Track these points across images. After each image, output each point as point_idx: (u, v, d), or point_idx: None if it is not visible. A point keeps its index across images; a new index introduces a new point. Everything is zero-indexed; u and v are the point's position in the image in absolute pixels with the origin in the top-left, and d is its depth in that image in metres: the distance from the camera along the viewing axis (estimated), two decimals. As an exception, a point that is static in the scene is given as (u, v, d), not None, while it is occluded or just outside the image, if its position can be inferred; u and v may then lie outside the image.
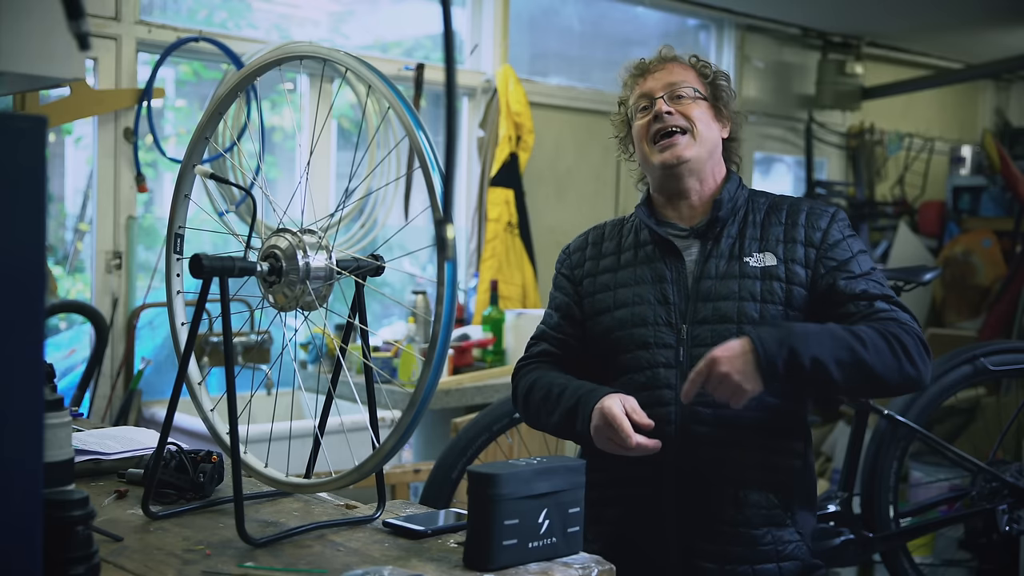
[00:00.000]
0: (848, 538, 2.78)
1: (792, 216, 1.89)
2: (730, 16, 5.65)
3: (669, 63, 1.96)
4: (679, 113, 1.89)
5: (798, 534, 1.87)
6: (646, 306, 1.88)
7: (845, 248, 1.86)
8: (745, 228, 1.90)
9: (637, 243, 1.96)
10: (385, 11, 4.57)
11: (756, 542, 1.82)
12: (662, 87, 1.91)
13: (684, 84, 1.91)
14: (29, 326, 0.94)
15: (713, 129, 1.92)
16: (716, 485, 1.83)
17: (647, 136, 1.91)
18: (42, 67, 1.46)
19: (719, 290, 1.85)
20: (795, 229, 1.87)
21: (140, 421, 3.41)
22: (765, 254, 1.86)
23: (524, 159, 4.51)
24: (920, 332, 1.78)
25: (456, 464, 2.71)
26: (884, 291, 1.83)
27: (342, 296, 1.58)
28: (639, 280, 1.91)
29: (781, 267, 1.84)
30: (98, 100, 3.42)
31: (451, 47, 1.07)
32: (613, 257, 1.98)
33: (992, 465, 2.87)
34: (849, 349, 1.69)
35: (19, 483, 0.95)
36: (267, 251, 1.46)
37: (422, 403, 1.30)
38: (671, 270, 1.89)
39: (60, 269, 3.75)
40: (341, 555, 1.36)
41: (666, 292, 1.88)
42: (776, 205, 1.93)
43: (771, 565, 1.83)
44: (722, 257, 1.87)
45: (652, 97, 1.92)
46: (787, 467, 1.87)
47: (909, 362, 1.72)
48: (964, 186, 6.38)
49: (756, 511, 1.83)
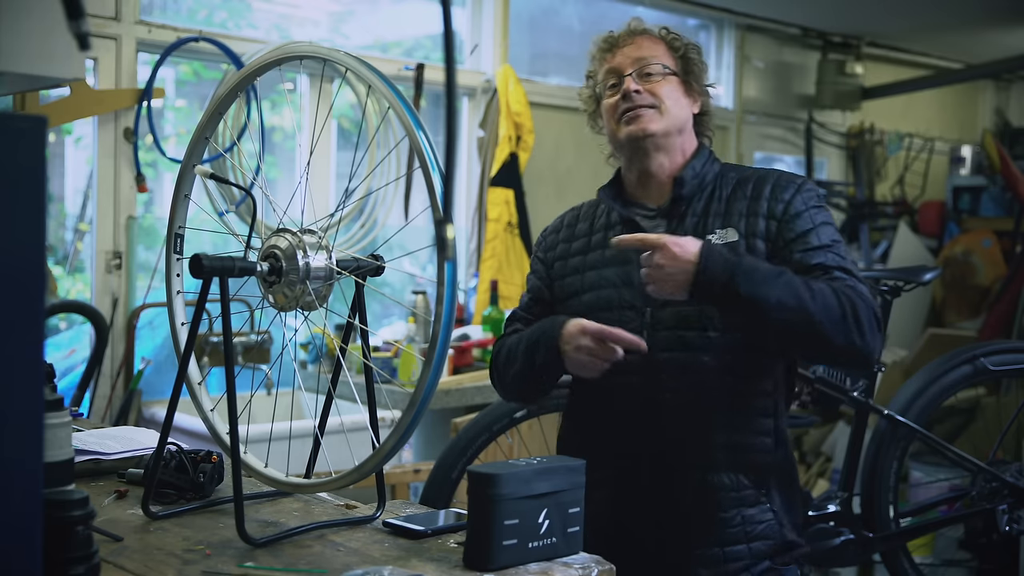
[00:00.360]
0: (848, 538, 2.78)
1: (757, 188, 1.85)
2: (730, 16, 5.65)
3: (638, 36, 1.92)
4: (647, 91, 1.86)
5: (772, 512, 1.84)
6: (611, 289, 1.87)
7: (806, 219, 1.81)
8: (710, 205, 1.86)
9: (607, 224, 1.94)
10: (385, 11, 4.57)
11: (725, 524, 1.80)
12: (631, 63, 1.88)
13: (653, 60, 1.88)
14: (29, 326, 0.94)
15: (683, 105, 1.89)
16: (683, 468, 1.82)
17: (615, 114, 1.89)
18: (42, 67, 1.47)
19: None
20: (758, 202, 1.84)
21: (140, 421, 3.41)
22: (728, 230, 1.83)
23: (524, 159, 4.51)
24: (875, 305, 1.73)
25: (456, 464, 2.71)
26: (842, 263, 1.77)
27: (342, 296, 1.58)
28: (606, 262, 1.89)
29: (742, 242, 1.81)
30: (98, 100, 3.42)
31: (451, 47, 1.07)
32: (584, 239, 1.96)
33: (992, 465, 2.87)
34: (796, 296, 1.65)
35: (19, 483, 0.95)
36: (267, 251, 1.46)
37: (422, 403, 1.30)
38: (636, 251, 1.85)
39: (60, 269, 3.75)
40: (341, 555, 1.36)
41: (631, 274, 1.85)
42: (745, 179, 1.89)
43: (740, 546, 1.81)
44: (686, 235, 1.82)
45: (621, 74, 1.88)
46: (756, 445, 1.83)
47: (857, 329, 1.68)
48: (964, 186, 6.37)
49: (725, 493, 1.81)
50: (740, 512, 1.81)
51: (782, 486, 1.87)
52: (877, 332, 1.72)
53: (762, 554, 1.83)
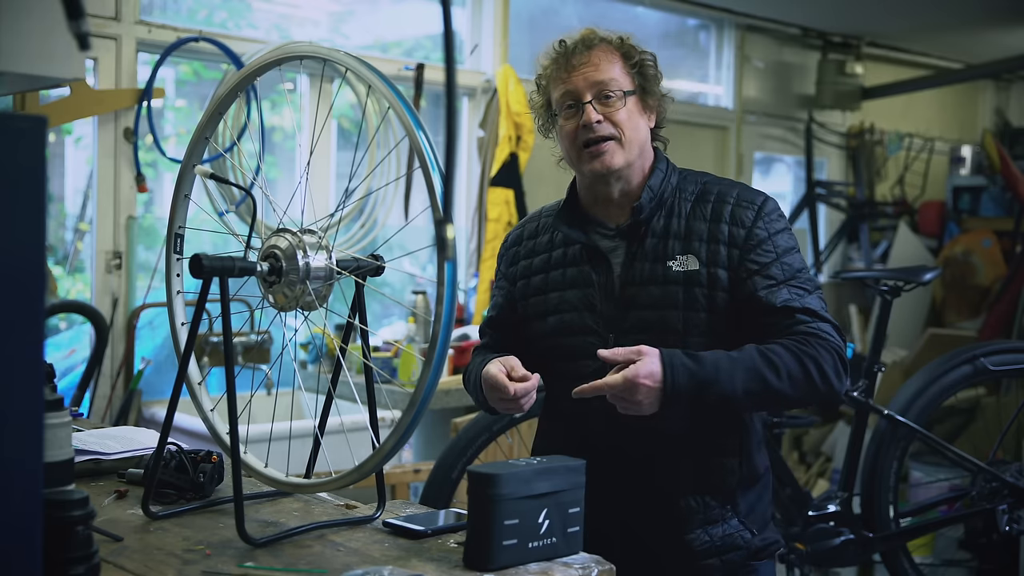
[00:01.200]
0: (848, 538, 2.78)
1: (717, 211, 1.80)
2: (730, 16, 5.65)
3: (595, 51, 1.84)
4: (607, 119, 1.81)
5: (740, 523, 1.83)
6: (574, 313, 1.83)
7: (769, 249, 1.77)
8: (670, 225, 1.82)
9: (566, 240, 1.89)
10: (385, 11, 4.57)
11: (692, 544, 1.80)
12: (589, 88, 1.81)
13: (612, 84, 1.81)
14: (29, 326, 0.94)
15: (641, 127, 1.84)
16: (649, 496, 1.81)
17: (575, 142, 1.84)
18: (42, 67, 1.46)
19: (642, 298, 1.79)
20: (719, 226, 1.79)
21: (140, 421, 3.41)
22: (688, 257, 1.79)
23: (524, 159, 4.51)
24: (840, 346, 1.73)
25: (456, 464, 2.71)
26: (805, 302, 1.74)
27: (342, 296, 1.58)
28: (568, 283, 1.86)
29: (703, 271, 1.77)
30: (98, 100, 3.42)
31: (451, 47, 1.07)
32: (544, 256, 1.92)
33: (992, 465, 2.87)
34: (761, 380, 1.67)
35: (19, 483, 0.95)
36: (267, 251, 1.46)
37: (422, 403, 1.30)
38: (597, 273, 1.83)
39: (60, 269, 3.76)
40: (341, 555, 1.36)
41: (592, 298, 1.82)
42: (703, 195, 1.84)
43: (713, 560, 1.81)
44: (646, 260, 1.81)
45: (579, 100, 1.81)
46: (720, 466, 1.82)
47: (824, 382, 1.70)
48: (964, 186, 6.37)
49: (693, 515, 1.80)
50: (705, 531, 1.80)
51: (747, 492, 1.85)
52: (843, 372, 1.73)
53: (735, 564, 1.82)
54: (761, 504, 1.88)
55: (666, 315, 1.77)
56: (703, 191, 1.84)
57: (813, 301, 1.76)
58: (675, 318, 1.76)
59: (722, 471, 1.81)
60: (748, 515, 1.85)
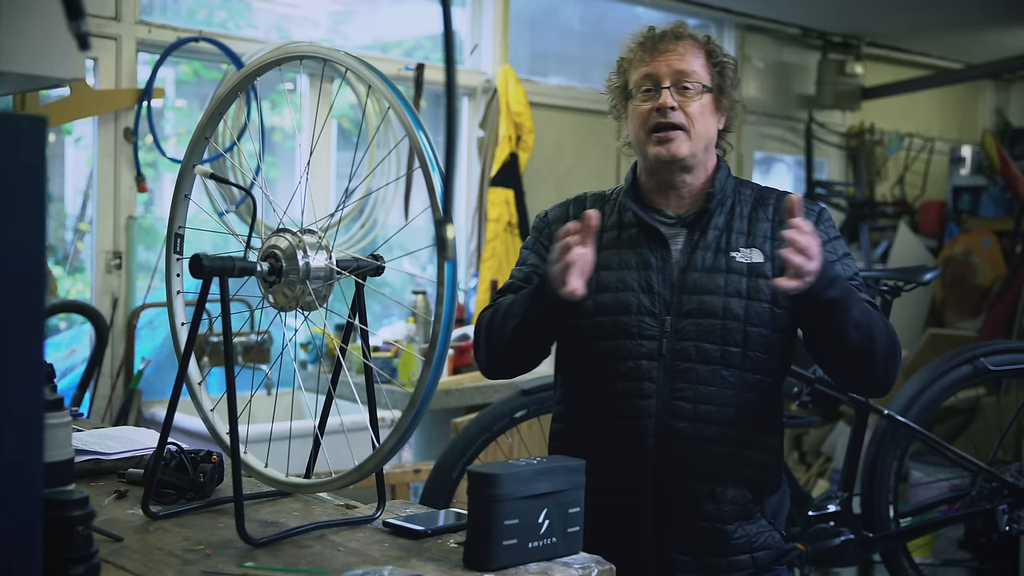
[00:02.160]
0: (848, 538, 2.78)
1: (780, 212, 1.88)
2: (730, 16, 5.64)
3: (682, 41, 1.90)
4: (681, 110, 1.86)
5: (769, 524, 1.88)
6: (630, 293, 1.85)
7: (830, 251, 1.86)
8: (732, 220, 1.89)
9: (620, 224, 1.93)
10: (385, 11, 4.57)
11: (729, 536, 1.83)
12: (670, 75, 1.87)
13: (693, 76, 1.87)
14: (29, 326, 0.94)
15: (711, 124, 1.90)
16: (693, 479, 1.83)
17: (645, 124, 1.88)
18: (42, 67, 1.47)
19: (705, 284, 1.84)
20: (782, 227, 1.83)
21: (140, 421, 3.41)
22: (752, 250, 1.86)
23: (524, 159, 4.51)
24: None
25: (456, 464, 2.71)
26: (869, 299, 1.85)
27: (342, 296, 1.58)
28: (623, 264, 1.88)
29: (768, 265, 1.84)
30: (98, 100, 3.42)
31: (451, 47, 1.07)
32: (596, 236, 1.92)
33: (992, 465, 2.87)
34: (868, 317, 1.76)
35: (19, 483, 0.95)
36: (267, 251, 1.46)
37: (422, 403, 1.30)
38: (656, 257, 1.87)
39: (60, 269, 3.75)
40: (341, 555, 1.36)
41: (651, 280, 1.86)
42: (762, 198, 1.92)
43: (745, 556, 1.85)
44: (708, 249, 1.86)
45: (658, 84, 1.87)
46: (760, 462, 1.87)
47: (895, 363, 1.82)
48: (964, 186, 6.37)
49: (731, 506, 1.83)
50: (741, 526, 1.85)
51: (771, 496, 1.91)
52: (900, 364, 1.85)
53: (764, 564, 1.86)
54: (782, 511, 1.94)
55: (729, 302, 1.82)
56: (761, 194, 1.93)
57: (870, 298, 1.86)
58: (738, 306, 1.82)
59: (762, 467, 1.87)
60: (773, 518, 1.90)
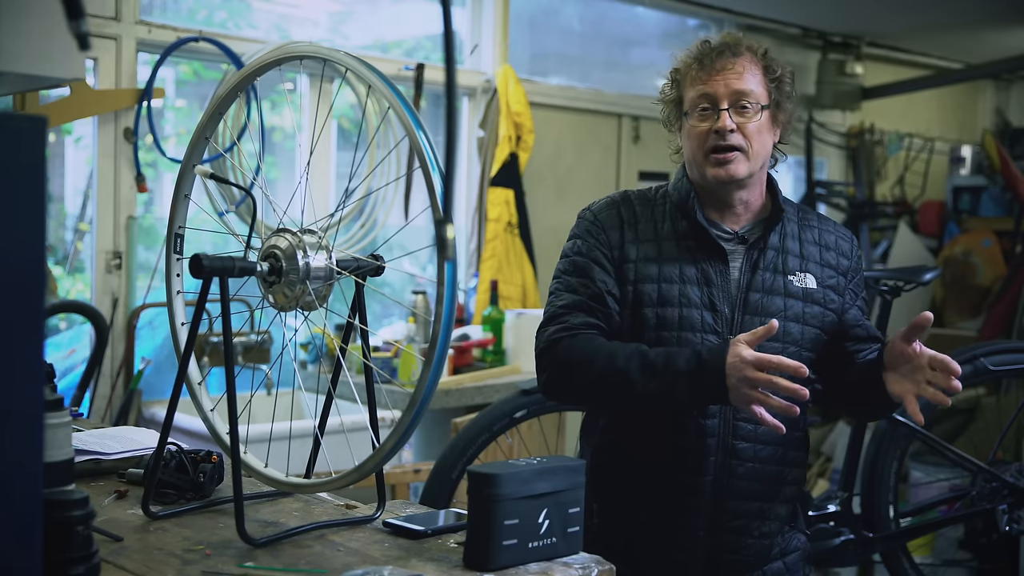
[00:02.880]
0: (848, 538, 2.78)
1: (824, 238, 1.92)
2: (730, 16, 5.64)
3: (740, 58, 1.83)
4: (739, 129, 1.81)
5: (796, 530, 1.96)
6: (694, 309, 1.81)
7: (861, 281, 1.95)
8: (785, 242, 1.88)
9: (676, 233, 1.86)
10: (385, 11, 4.57)
11: (770, 549, 1.89)
12: (728, 95, 1.81)
13: (751, 95, 1.81)
14: (29, 326, 0.94)
15: (768, 142, 1.86)
16: (748, 498, 1.85)
17: (703, 145, 1.83)
18: (42, 67, 1.46)
19: (767, 306, 1.82)
20: (828, 253, 1.91)
21: (140, 421, 3.41)
22: (806, 275, 1.87)
23: (524, 159, 4.51)
24: None
25: (456, 464, 2.71)
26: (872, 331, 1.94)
27: (342, 296, 1.58)
28: (685, 278, 1.82)
29: (820, 292, 1.87)
30: (98, 100, 3.42)
31: (451, 47, 1.07)
32: (651, 244, 1.86)
33: (992, 465, 2.87)
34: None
35: (19, 483, 0.95)
36: (267, 251, 1.46)
37: (422, 403, 1.30)
38: (717, 274, 1.83)
39: (60, 269, 3.75)
40: (341, 555, 1.36)
41: (714, 298, 1.82)
42: (805, 221, 1.93)
43: (777, 563, 1.91)
44: (768, 270, 1.84)
45: (716, 105, 1.81)
46: (797, 478, 1.93)
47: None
48: (964, 186, 6.37)
49: (777, 523, 1.88)
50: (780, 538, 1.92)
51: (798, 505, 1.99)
52: None
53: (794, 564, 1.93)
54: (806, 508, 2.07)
55: (789, 326, 1.83)
56: (803, 216, 1.95)
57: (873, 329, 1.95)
58: (796, 330, 1.84)
59: (798, 482, 1.93)
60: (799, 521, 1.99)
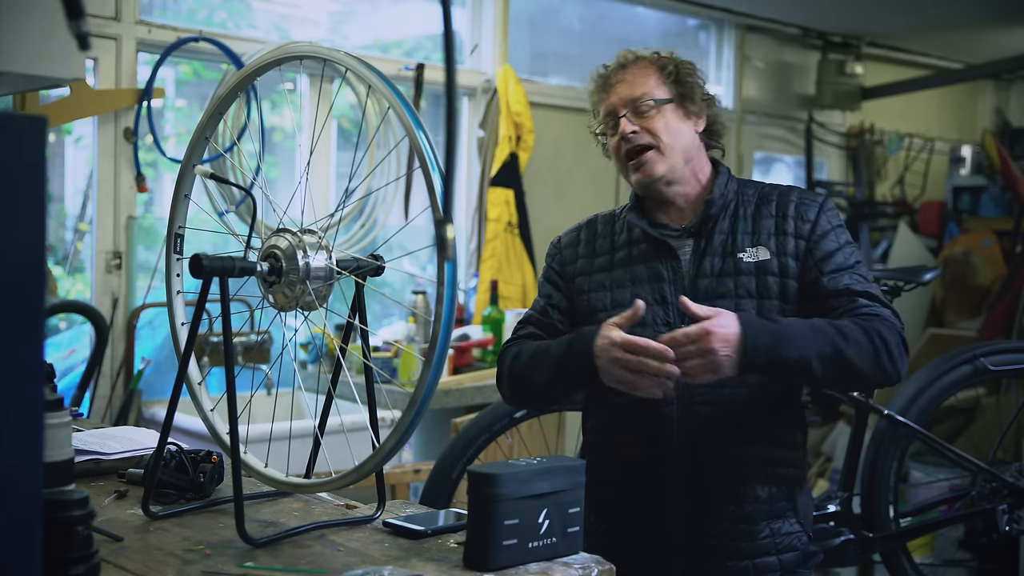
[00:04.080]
0: (848, 538, 2.78)
1: (782, 207, 1.89)
2: (730, 16, 5.64)
3: (629, 68, 1.92)
4: (644, 130, 1.87)
5: (799, 524, 1.89)
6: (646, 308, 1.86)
7: (832, 240, 1.86)
8: (736, 223, 1.90)
9: (630, 241, 1.96)
10: (385, 11, 4.57)
11: (755, 536, 1.84)
12: (623, 103, 1.89)
13: (645, 97, 1.88)
14: (29, 326, 0.94)
15: (682, 132, 1.90)
16: (718, 482, 1.84)
17: (620, 155, 1.92)
18: (42, 67, 1.47)
19: (716, 288, 1.85)
20: (785, 221, 1.88)
21: (140, 421, 3.41)
22: (758, 248, 1.86)
23: (524, 159, 4.51)
24: (901, 328, 1.80)
25: (456, 464, 2.71)
26: (867, 287, 1.83)
27: (342, 296, 1.58)
28: (635, 279, 1.91)
29: (774, 261, 1.85)
30: (98, 100, 3.42)
31: (451, 47, 1.07)
32: (607, 256, 1.97)
33: (992, 465, 2.87)
34: (832, 345, 1.70)
35: (19, 483, 0.95)
36: (267, 251, 1.46)
37: (422, 403, 1.30)
38: (667, 269, 1.90)
39: (60, 269, 3.75)
40: (341, 555, 1.36)
41: (664, 292, 1.88)
42: (765, 196, 1.93)
43: (771, 558, 1.86)
44: (716, 254, 1.88)
45: (616, 115, 1.90)
46: (789, 459, 1.89)
47: (889, 359, 1.74)
48: (964, 186, 6.37)
49: (758, 506, 1.85)
50: (769, 525, 1.86)
51: (801, 493, 1.92)
52: (905, 354, 1.78)
53: (791, 565, 1.87)
54: (810, 509, 1.95)
55: (741, 304, 1.83)
56: (763, 193, 1.94)
57: (874, 288, 1.84)
58: (749, 307, 1.83)
59: (788, 462, 1.88)
60: (804, 518, 1.91)
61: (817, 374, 1.70)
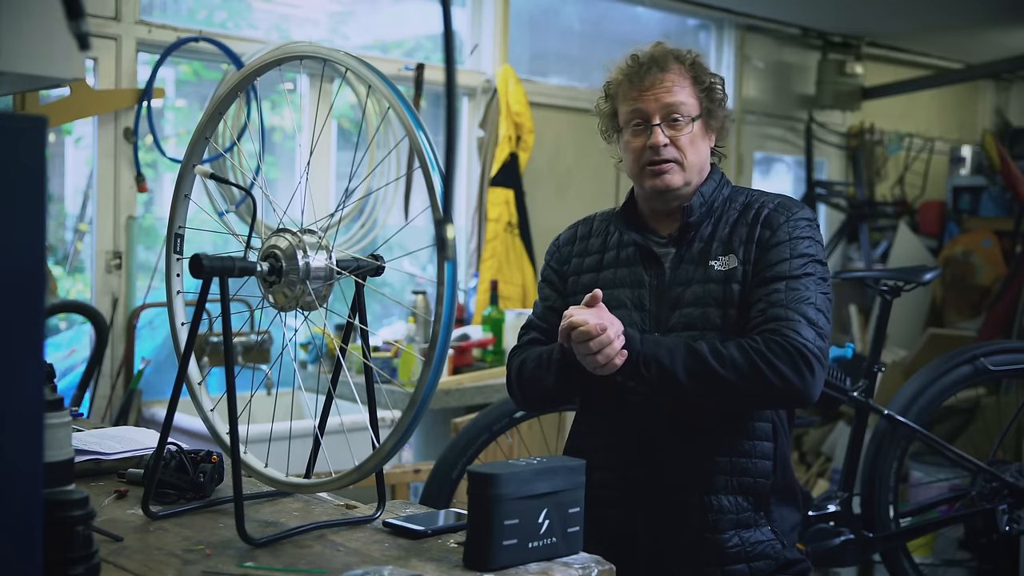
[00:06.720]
0: (848, 538, 2.78)
1: (756, 214, 1.88)
2: (730, 16, 5.64)
3: (668, 73, 1.87)
4: (672, 143, 1.86)
5: (773, 532, 1.86)
6: (623, 311, 1.88)
7: (784, 249, 1.82)
8: (716, 230, 1.89)
9: (620, 243, 1.97)
10: (385, 11, 4.57)
11: (723, 545, 1.83)
12: (659, 110, 1.86)
13: (681, 108, 1.86)
14: (29, 326, 0.94)
15: (702, 151, 1.90)
16: (680, 491, 1.84)
17: (639, 159, 1.89)
18: (42, 67, 1.47)
19: (686, 297, 1.86)
20: (755, 228, 1.86)
21: (140, 421, 3.41)
22: (729, 256, 1.86)
23: (524, 159, 4.51)
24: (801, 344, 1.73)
25: (456, 464, 2.71)
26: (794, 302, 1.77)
27: (342, 296, 1.58)
28: (619, 283, 1.92)
29: (739, 269, 1.84)
30: (98, 100, 3.42)
31: (451, 47, 1.07)
32: (597, 256, 1.99)
33: (992, 465, 2.87)
34: (702, 362, 1.73)
35: (19, 483, 0.95)
36: (267, 251, 1.46)
37: (422, 403, 1.30)
38: (650, 275, 1.90)
39: (60, 269, 3.75)
40: (341, 555, 1.36)
41: (643, 298, 1.89)
42: (750, 204, 1.91)
43: (741, 566, 1.84)
44: (692, 262, 1.88)
45: (648, 121, 1.87)
46: (756, 469, 1.85)
47: (777, 376, 1.71)
48: (964, 186, 6.37)
49: (723, 516, 1.83)
50: (738, 534, 1.84)
51: (781, 506, 1.90)
52: (804, 371, 1.73)
53: (763, 573, 1.85)
54: (793, 520, 1.92)
55: (707, 312, 1.83)
56: (750, 201, 1.92)
57: (805, 304, 1.77)
58: (715, 315, 1.83)
59: (756, 473, 1.85)
60: (781, 527, 1.89)
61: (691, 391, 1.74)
